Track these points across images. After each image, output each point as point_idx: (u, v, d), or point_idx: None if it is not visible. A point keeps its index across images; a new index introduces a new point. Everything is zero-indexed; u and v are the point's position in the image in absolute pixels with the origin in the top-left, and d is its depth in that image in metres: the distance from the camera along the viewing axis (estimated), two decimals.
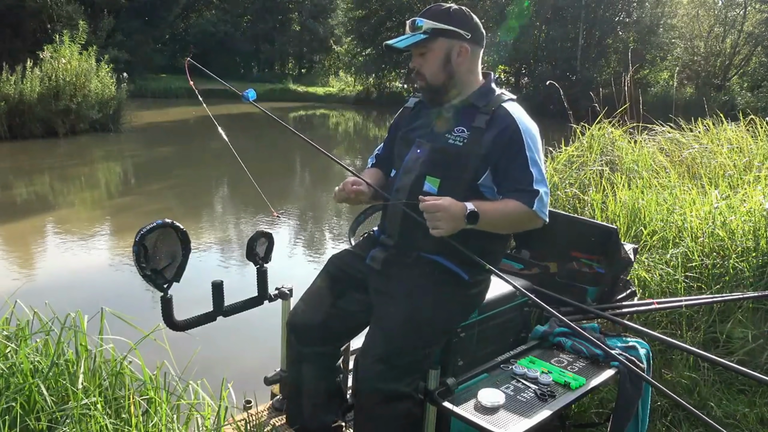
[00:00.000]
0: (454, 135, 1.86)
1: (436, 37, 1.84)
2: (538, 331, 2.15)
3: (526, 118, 1.86)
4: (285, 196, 9.02)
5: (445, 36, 1.84)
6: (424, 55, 1.87)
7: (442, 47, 1.85)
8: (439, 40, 1.85)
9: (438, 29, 1.84)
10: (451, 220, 1.69)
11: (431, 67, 1.87)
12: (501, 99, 1.88)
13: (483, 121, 1.83)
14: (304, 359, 1.98)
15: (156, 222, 1.78)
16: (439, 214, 1.69)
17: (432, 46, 1.85)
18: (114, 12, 22.03)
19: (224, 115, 17.62)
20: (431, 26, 1.84)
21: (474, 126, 1.84)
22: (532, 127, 1.85)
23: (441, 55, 1.86)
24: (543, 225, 1.86)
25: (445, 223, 1.69)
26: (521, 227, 1.89)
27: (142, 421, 1.98)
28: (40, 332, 2.26)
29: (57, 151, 11.76)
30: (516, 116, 1.83)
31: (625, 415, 1.94)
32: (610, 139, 4.82)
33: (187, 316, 1.96)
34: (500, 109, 1.84)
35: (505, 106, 1.85)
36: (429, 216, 1.70)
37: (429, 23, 1.84)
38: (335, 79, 31.15)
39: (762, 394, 2.47)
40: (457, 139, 1.85)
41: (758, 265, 2.92)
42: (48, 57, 12.31)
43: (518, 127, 1.80)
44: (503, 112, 1.84)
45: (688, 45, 23.29)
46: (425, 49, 1.86)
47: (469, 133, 1.84)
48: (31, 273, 5.36)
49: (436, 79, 1.88)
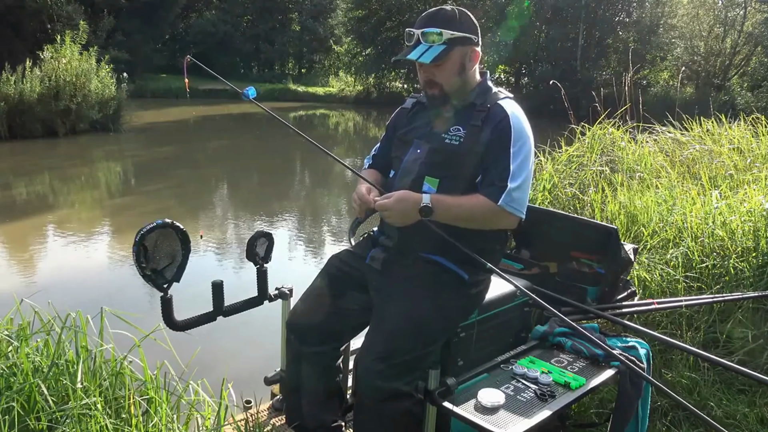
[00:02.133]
0: (451, 134, 1.86)
1: (454, 46, 1.82)
2: (538, 331, 2.15)
3: (520, 114, 1.85)
4: (285, 196, 9.02)
5: (461, 44, 1.83)
6: (441, 65, 1.83)
7: (459, 55, 1.84)
8: (457, 49, 1.82)
9: (456, 38, 1.81)
10: (400, 216, 1.77)
11: (448, 76, 1.85)
12: (497, 97, 1.88)
13: (479, 119, 1.83)
14: (304, 359, 1.98)
15: (156, 222, 1.78)
16: (386, 213, 1.77)
17: (450, 56, 1.82)
18: (114, 12, 22.04)
19: (224, 115, 17.69)
20: (450, 36, 1.80)
21: (471, 124, 1.84)
22: (523, 123, 1.84)
23: (457, 63, 1.84)
24: (519, 222, 1.84)
25: (394, 219, 1.77)
26: (489, 223, 1.83)
27: (142, 421, 1.99)
28: (40, 332, 2.27)
29: (57, 151, 11.77)
30: (509, 111, 1.82)
31: (625, 415, 1.94)
32: (610, 139, 4.82)
33: (187, 316, 1.96)
34: (496, 106, 1.84)
35: (500, 103, 1.85)
36: (383, 214, 1.79)
37: (447, 33, 1.80)
38: (335, 79, 31.14)
39: (762, 394, 2.47)
40: (454, 138, 1.85)
41: (758, 265, 2.92)
42: (48, 57, 12.31)
43: (510, 121, 1.80)
44: (498, 109, 1.83)
45: (688, 45, 23.29)
46: (444, 59, 1.81)
47: (466, 131, 1.84)
48: (30, 273, 5.36)
49: (451, 87, 1.86)
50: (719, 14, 23.17)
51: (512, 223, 1.84)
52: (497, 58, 23.59)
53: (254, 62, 31.71)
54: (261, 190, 9.04)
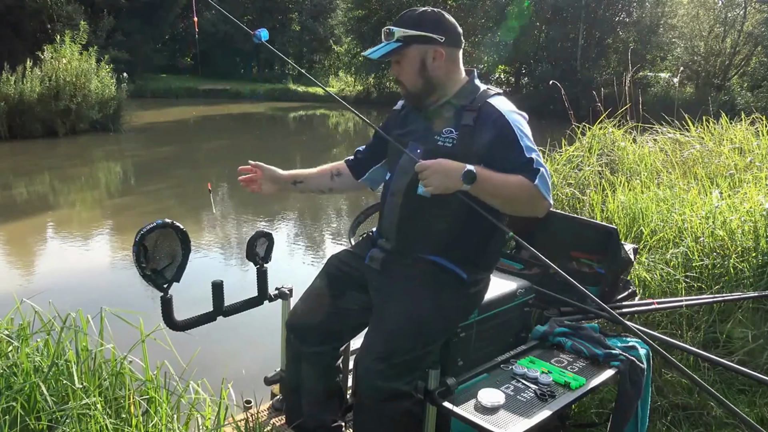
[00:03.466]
0: (443, 137, 1.85)
1: (409, 45, 1.83)
2: (538, 331, 2.15)
3: (512, 109, 1.84)
4: (285, 196, 9.01)
5: (418, 42, 1.83)
6: (400, 63, 1.87)
7: (416, 54, 1.84)
8: (413, 47, 1.84)
9: (410, 36, 1.83)
10: (443, 176, 1.66)
11: (408, 74, 1.87)
12: (487, 95, 1.86)
13: (470, 119, 1.82)
14: (304, 359, 1.98)
15: (156, 222, 1.78)
16: (429, 170, 1.67)
17: (406, 54, 1.85)
18: (114, 12, 22.03)
19: (224, 115, 17.70)
20: (402, 34, 1.83)
21: (462, 124, 1.83)
22: (519, 117, 1.83)
23: (416, 61, 1.85)
24: (546, 212, 1.79)
25: (436, 178, 1.66)
26: (523, 205, 1.78)
27: (142, 421, 1.99)
28: (41, 332, 2.27)
29: (57, 151, 11.77)
30: (502, 110, 1.81)
31: (625, 415, 1.94)
32: (611, 139, 4.82)
33: (187, 316, 1.96)
34: (486, 105, 1.82)
35: (490, 101, 1.83)
36: (422, 176, 1.69)
37: (400, 31, 1.83)
38: (335, 79, 31.14)
39: (762, 394, 2.47)
40: (447, 140, 1.84)
41: (758, 265, 2.92)
42: (48, 57, 12.32)
43: (507, 120, 1.78)
44: (489, 108, 1.82)
45: (688, 45, 23.29)
46: (400, 57, 1.86)
47: (458, 133, 1.83)
48: (31, 273, 5.37)
49: (414, 86, 1.88)
50: (719, 14, 23.15)
51: (543, 210, 1.78)
52: (497, 58, 23.58)
53: (254, 62, 31.70)
54: None
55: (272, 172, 2.10)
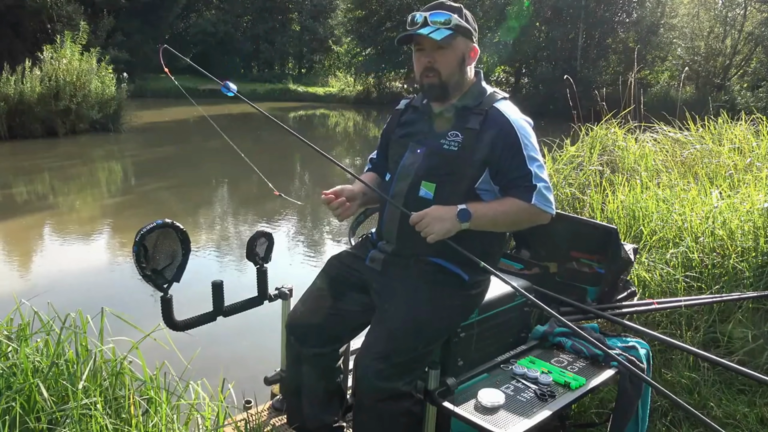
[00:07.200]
0: (449, 140, 1.84)
1: (457, 35, 1.81)
2: (538, 331, 2.15)
3: (519, 116, 1.85)
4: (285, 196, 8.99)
5: (464, 35, 1.83)
6: (443, 50, 1.81)
7: (462, 46, 1.84)
8: (459, 38, 1.82)
9: (461, 27, 1.82)
10: (439, 222, 1.72)
11: (450, 64, 1.82)
12: (494, 98, 1.87)
13: (477, 123, 1.82)
14: (304, 360, 1.98)
15: (156, 222, 1.78)
16: (425, 220, 1.72)
17: (454, 44, 1.81)
18: (114, 12, 22.05)
19: (224, 115, 17.64)
20: (457, 23, 1.80)
21: (467, 128, 1.83)
22: (525, 124, 1.85)
23: (459, 53, 1.84)
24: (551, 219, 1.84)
25: (434, 226, 1.72)
26: (525, 223, 1.85)
27: (142, 421, 1.98)
28: (40, 332, 2.26)
29: (57, 151, 11.76)
30: (509, 116, 1.82)
31: (625, 415, 1.94)
32: (612, 138, 4.82)
33: (187, 316, 1.96)
34: (492, 110, 1.83)
35: (497, 106, 1.84)
36: (419, 226, 1.74)
37: (455, 18, 1.80)
38: (335, 79, 31.14)
39: (762, 394, 2.47)
40: (452, 144, 1.83)
41: (758, 265, 2.91)
42: (48, 58, 12.32)
43: (512, 126, 1.80)
44: (496, 113, 1.82)
45: (689, 45, 23.28)
46: (448, 45, 1.80)
47: (463, 136, 1.83)
48: (30, 273, 5.36)
49: (451, 77, 1.84)
50: (719, 14, 23.14)
51: (547, 220, 1.83)
52: (497, 58, 23.56)
53: (254, 62, 31.72)
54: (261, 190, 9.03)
55: (349, 191, 1.95)
